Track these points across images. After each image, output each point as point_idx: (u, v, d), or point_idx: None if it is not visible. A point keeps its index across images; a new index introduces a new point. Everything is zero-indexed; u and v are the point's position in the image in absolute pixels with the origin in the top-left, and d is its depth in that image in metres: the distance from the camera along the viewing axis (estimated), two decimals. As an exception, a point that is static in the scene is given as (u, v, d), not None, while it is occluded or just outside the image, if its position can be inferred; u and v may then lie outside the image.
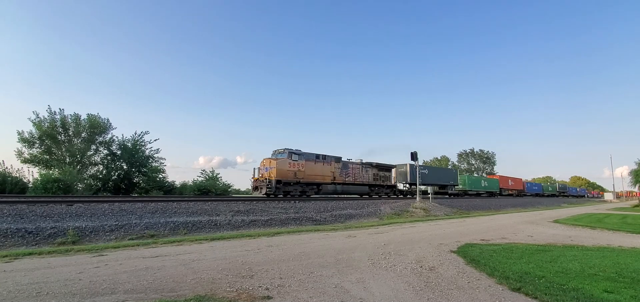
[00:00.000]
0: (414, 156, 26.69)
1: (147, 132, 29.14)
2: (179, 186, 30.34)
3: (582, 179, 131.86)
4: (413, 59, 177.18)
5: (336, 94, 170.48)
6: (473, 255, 7.64)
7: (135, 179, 27.47)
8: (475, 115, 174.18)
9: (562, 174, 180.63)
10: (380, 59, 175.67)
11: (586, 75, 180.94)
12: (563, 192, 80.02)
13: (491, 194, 48.09)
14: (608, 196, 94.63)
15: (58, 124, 26.14)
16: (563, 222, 17.66)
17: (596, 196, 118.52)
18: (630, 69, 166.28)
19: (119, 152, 27.36)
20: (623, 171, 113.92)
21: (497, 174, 67.32)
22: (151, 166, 28.11)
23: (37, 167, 25.04)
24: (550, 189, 72.58)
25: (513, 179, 57.86)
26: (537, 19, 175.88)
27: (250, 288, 4.88)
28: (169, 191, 28.42)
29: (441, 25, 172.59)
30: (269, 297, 4.51)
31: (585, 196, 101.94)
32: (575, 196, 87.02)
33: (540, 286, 5.18)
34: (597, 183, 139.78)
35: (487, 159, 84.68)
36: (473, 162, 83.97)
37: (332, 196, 25.97)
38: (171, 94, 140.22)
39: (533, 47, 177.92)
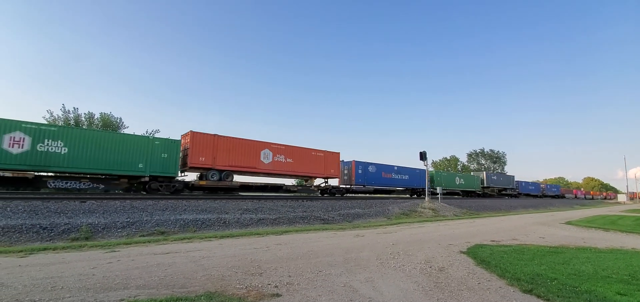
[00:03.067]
0: (423, 156, 26.44)
1: (157, 131, 29.60)
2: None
3: (596, 180, 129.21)
4: (423, 58, 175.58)
5: (340, 91, 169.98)
6: (483, 256, 7.57)
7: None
8: (486, 116, 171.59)
9: (575, 176, 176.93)
10: (387, 57, 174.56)
11: (599, 75, 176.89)
12: (506, 190, 48.59)
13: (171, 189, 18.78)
14: (621, 197, 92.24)
15: (72, 122, 26.70)
16: (576, 224, 17.33)
17: (584, 196, 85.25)
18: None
19: None
20: (637, 172, 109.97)
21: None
22: None
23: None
24: (459, 183, 39.78)
25: (300, 151, 23.33)
26: (549, 18, 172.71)
27: (260, 286, 4.92)
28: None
29: (452, 23, 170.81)
30: (278, 295, 4.55)
31: (564, 196, 71.99)
32: (536, 196, 58.01)
33: (553, 288, 5.12)
34: (611, 185, 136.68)
35: (497, 159, 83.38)
36: (483, 162, 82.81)
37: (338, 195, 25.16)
38: (182, 91, 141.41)
39: (546, 46, 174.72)
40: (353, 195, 28.46)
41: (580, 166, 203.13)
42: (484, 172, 45.20)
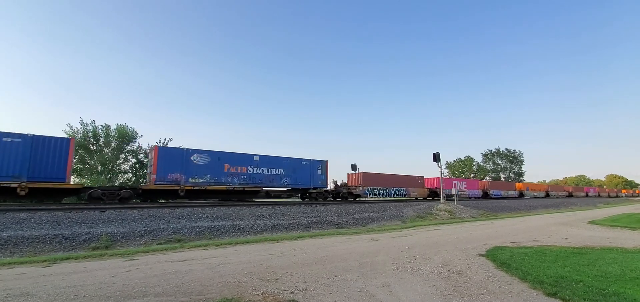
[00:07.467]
0: (436, 157, 26.09)
1: (171, 139, 30.19)
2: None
3: (619, 177, 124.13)
4: (436, 57, 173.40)
5: (353, 92, 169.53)
6: (503, 258, 7.36)
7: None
8: (502, 114, 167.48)
9: (597, 173, 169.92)
10: (395, 58, 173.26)
11: (619, 67, 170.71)
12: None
13: None
14: None
15: (90, 134, 27.53)
16: (600, 223, 16.72)
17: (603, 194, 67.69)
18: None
19: (146, 160, 28.37)
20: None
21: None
22: None
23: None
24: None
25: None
26: (560, 13, 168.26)
27: (276, 292, 4.92)
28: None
29: (464, 22, 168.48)
30: (294, 301, 4.53)
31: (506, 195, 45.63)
32: (410, 200, 29.58)
33: (578, 291, 4.93)
34: (636, 181, 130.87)
35: (514, 159, 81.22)
36: (499, 162, 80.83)
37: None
38: (197, 97, 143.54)
39: (562, 41, 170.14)
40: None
41: (603, 162, 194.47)
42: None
